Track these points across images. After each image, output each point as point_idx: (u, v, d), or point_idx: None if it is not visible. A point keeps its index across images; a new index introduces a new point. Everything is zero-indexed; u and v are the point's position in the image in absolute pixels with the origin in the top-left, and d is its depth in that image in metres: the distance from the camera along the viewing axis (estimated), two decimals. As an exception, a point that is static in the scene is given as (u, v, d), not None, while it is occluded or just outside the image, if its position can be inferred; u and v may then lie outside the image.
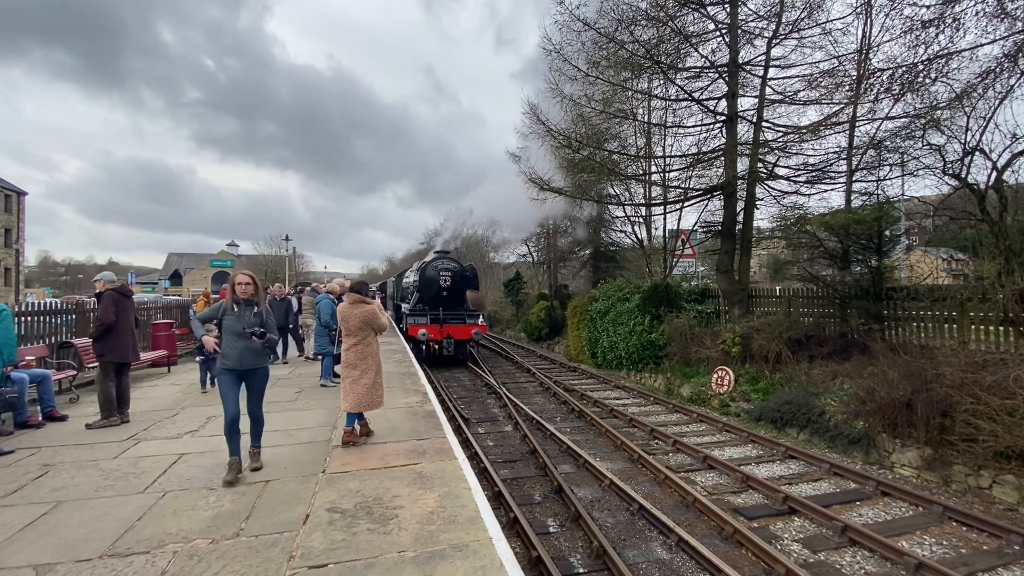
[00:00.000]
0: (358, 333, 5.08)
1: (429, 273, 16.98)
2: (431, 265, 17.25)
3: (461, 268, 17.68)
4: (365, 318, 5.08)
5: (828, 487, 6.64)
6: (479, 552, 2.94)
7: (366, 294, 5.25)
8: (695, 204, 14.67)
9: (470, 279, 18.10)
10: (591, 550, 4.99)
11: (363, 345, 5.08)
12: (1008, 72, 7.00)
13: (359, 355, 5.05)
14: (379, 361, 5.23)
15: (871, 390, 7.78)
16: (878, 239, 9.76)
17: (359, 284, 5.39)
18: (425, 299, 16.74)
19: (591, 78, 12.08)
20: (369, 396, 5.03)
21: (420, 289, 16.97)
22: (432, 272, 16.98)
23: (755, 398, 10.24)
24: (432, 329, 15.46)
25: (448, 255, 18.30)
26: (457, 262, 17.92)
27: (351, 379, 5.02)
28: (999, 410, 6.09)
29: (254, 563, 2.88)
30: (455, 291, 17.03)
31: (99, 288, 6.23)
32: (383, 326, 5.20)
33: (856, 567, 4.71)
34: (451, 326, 15.92)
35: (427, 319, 15.87)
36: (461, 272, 17.48)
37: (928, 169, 9.65)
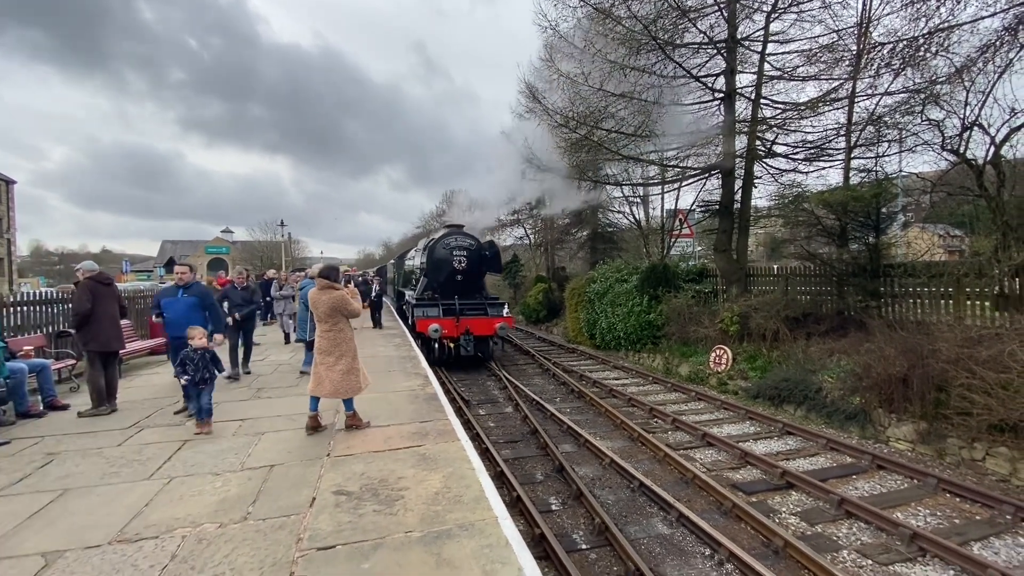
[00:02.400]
0: (328, 319, 4.99)
1: (439, 252, 13.73)
2: (441, 243, 13.91)
3: (479, 245, 14.29)
4: (334, 304, 4.97)
5: (825, 462, 6.75)
6: (485, 531, 2.98)
7: (335, 279, 5.13)
8: (692, 183, 14.59)
9: (490, 259, 14.46)
10: (593, 527, 5.07)
11: (335, 332, 5.00)
12: (1008, 45, 6.92)
13: (332, 342, 4.98)
14: (354, 347, 5.15)
15: (868, 366, 7.85)
16: (876, 216, 9.75)
17: (327, 269, 5.25)
18: (435, 285, 13.67)
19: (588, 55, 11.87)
20: (346, 382, 4.95)
21: (428, 272, 13.93)
22: (443, 251, 13.72)
23: (753, 376, 10.33)
24: (446, 323, 12.16)
25: (462, 229, 14.84)
26: (474, 238, 14.49)
27: (326, 365, 4.95)
28: (994, 384, 6.16)
29: (262, 546, 2.92)
30: (472, 274, 13.95)
31: (79, 277, 6.18)
32: (354, 312, 5.10)
33: (852, 539, 4.82)
34: (470, 319, 12.58)
35: (439, 311, 12.56)
36: (479, 251, 14.13)
37: (927, 145, 9.61)
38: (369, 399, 5.98)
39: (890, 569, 4.28)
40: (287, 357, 9.74)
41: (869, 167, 10.84)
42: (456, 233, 14.44)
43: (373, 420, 5.37)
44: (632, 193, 19.31)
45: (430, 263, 13.97)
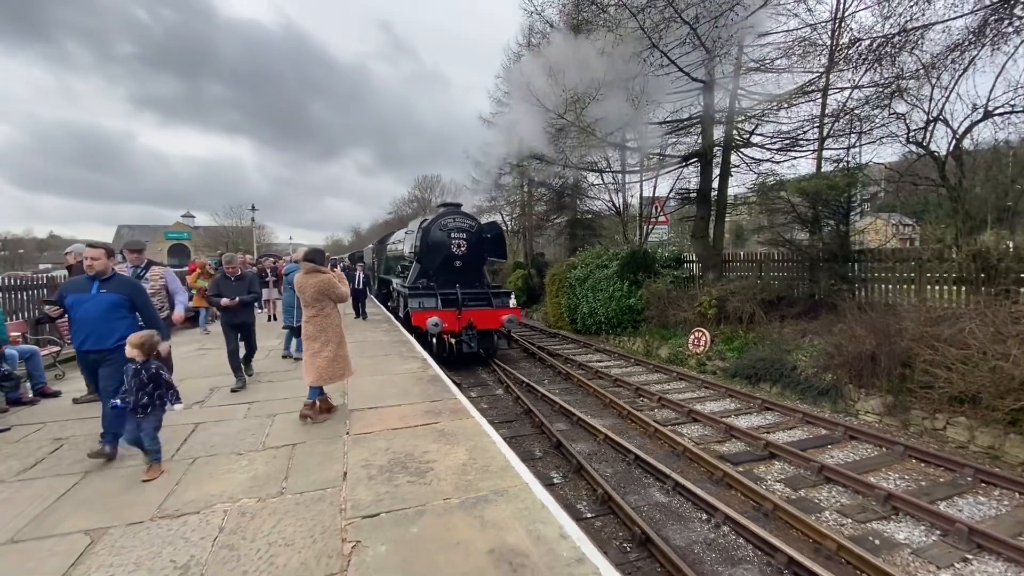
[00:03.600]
0: (314, 304, 4.89)
1: (435, 235, 12.17)
2: (438, 224, 12.31)
3: (480, 227, 12.79)
4: (321, 288, 4.87)
5: (802, 434, 7.23)
6: (519, 496, 3.19)
7: (321, 263, 5.05)
8: (671, 172, 15.00)
9: (493, 243, 12.99)
10: (596, 497, 5.36)
11: (322, 317, 4.91)
12: (973, 45, 7.43)
13: (318, 327, 4.90)
14: (341, 333, 5.08)
15: (839, 345, 8.39)
16: (846, 204, 10.31)
17: (313, 252, 5.16)
18: (430, 272, 12.19)
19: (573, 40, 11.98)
20: (331, 369, 4.88)
21: (422, 257, 12.33)
22: (439, 234, 12.18)
23: (731, 356, 10.84)
24: (447, 316, 10.64)
25: (460, 208, 13.27)
26: (474, 219, 12.99)
27: (311, 352, 4.88)
28: (954, 360, 6.73)
29: (307, 516, 3.04)
30: (472, 260, 12.51)
31: (71, 261, 6.01)
32: (342, 296, 5.03)
33: (833, 501, 5.26)
34: (472, 311, 11.14)
35: (436, 302, 11.13)
36: (479, 233, 12.62)
37: (893, 137, 10.20)
38: (376, 381, 6.09)
39: (868, 526, 4.71)
40: (277, 342, 9.66)
41: (839, 157, 11.41)
42: (454, 213, 12.67)
43: (382, 401, 5.48)
44: (612, 180, 19.63)
45: (424, 247, 12.27)
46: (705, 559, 4.27)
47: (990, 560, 4.14)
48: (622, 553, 4.35)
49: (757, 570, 4.07)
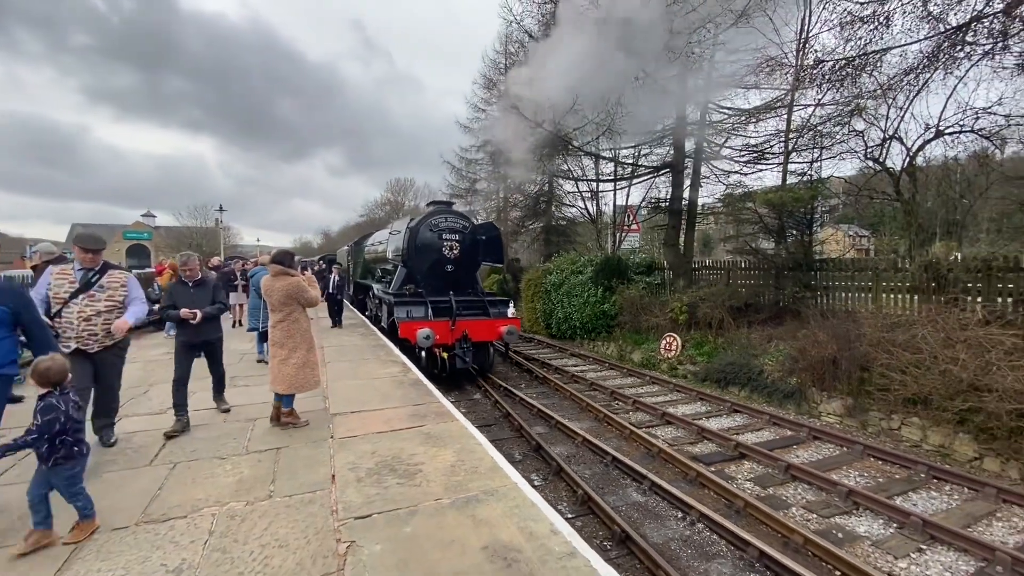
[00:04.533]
0: (282, 308, 4.73)
1: (425, 236, 11.01)
2: (428, 223, 11.15)
3: (473, 228, 11.67)
4: (289, 291, 4.70)
5: (769, 435, 7.55)
6: (509, 495, 3.28)
7: (289, 265, 4.87)
8: (643, 181, 15.41)
9: (489, 246, 11.76)
10: (576, 498, 5.49)
11: (289, 322, 4.74)
12: (927, 69, 7.98)
13: (285, 332, 4.73)
14: (310, 339, 4.93)
15: (803, 350, 8.80)
16: (809, 215, 10.83)
17: (281, 254, 4.99)
18: (417, 277, 11.07)
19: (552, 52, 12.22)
20: (299, 376, 4.73)
21: (409, 261, 11.16)
22: (429, 235, 11.04)
23: (701, 361, 11.19)
24: (439, 327, 9.53)
25: (452, 207, 12.19)
26: (467, 218, 11.85)
27: (279, 359, 4.72)
28: (908, 363, 7.17)
29: (299, 518, 3.06)
30: (466, 264, 11.40)
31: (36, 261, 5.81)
32: (312, 300, 4.87)
33: (799, 497, 5.53)
34: (467, 321, 10.05)
35: (426, 311, 9.98)
36: (473, 234, 11.50)
37: (852, 152, 10.80)
38: (356, 385, 6.08)
39: (832, 520, 4.99)
40: (249, 346, 9.47)
41: (803, 171, 11.97)
42: (445, 212, 11.54)
43: (363, 405, 5.49)
44: (586, 188, 19.98)
45: (412, 248, 11.03)
46: (682, 555, 4.45)
47: (942, 550, 4.45)
48: (603, 551, 4.48)
49: (731, 564, 4.26)
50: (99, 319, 3.94)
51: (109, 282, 4.06)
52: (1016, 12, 6.96)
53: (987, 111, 8.24)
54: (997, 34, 7.28)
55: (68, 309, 3.87)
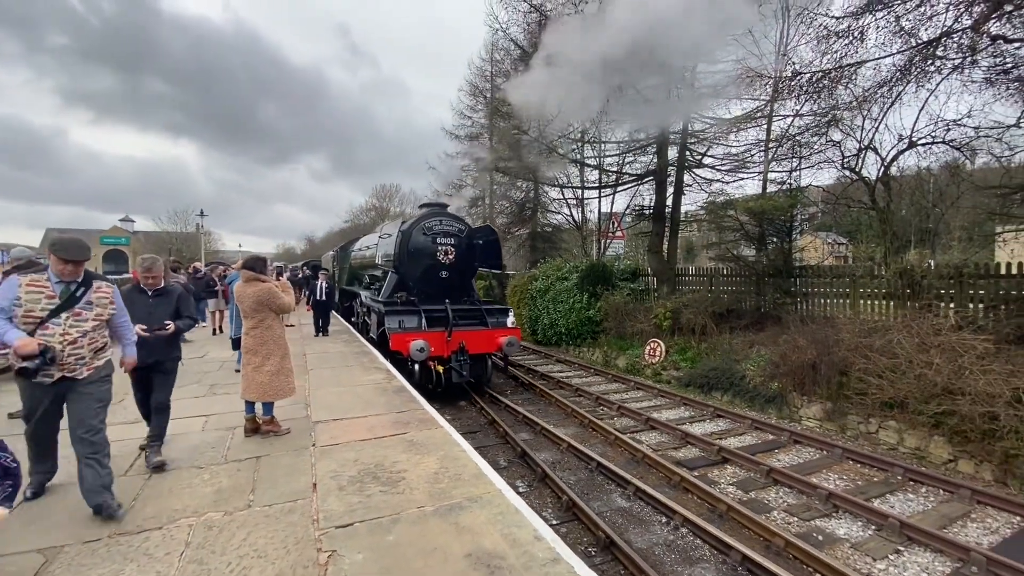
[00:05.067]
0: (254, 315, 4.65)
1: (417, 240, 10.27)
2: (421, 226, 10.38)
3: (470, 231, 10.96)
4: (260, 298, 4.62)
5: (751, 439, 7.64)
6: (492, 502, 3.26)
7: (261, 271, 4.78)
8: (628, 189, 15.59)
9: (486, 250, 11.11)
10: (561, 504, 5.49)
11: (262, 329, 4.66)
12: (899, 82, 8.24)
13: (258, 340, 4.64)
14: (284, 346, 4.84)
15: (784, 355, 8.94)
16: (789, 223, 11.05)
17: (252, 260, 4.89)
18: (409, 284, 10.37)
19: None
20: (274, 384, 4.64)
21: (400, 266, 10.38)
22: (423, 239, 10.29)
23: (684, 366, 11.30)
24: (434, 339, 8.84)
25: (446, 209, 11.40)
26: (462, 221, 11.14)
27: (252, 366, 4.63)
28: (884, 368, 7.33)
29: (278, 528, 3.00)
30: (461, 270, 10.71)
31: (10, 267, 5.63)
32: (284, 306, 4.77)
33: (780, 501, 5.60)
34: (464, 331, 9.39)
35: (420, 321, 9.32)
36: (469, 238, 10.79)
37: (830, 162, 11.08)
38: (339, 392, 6.01)
39: (812, 523, 5.06)
40: (230, 353, 9.31)
41: (783, 180, 12.24)
42: (440, 214, 10.78)
43: (346, 412, 5.42)
44: (572, 195, 20.14)
45: (403, 254, 10.29)
46: (666, 560, 4.46)
47: (919, 551, 4.54)
48: (587, 557, 4.47)
49: (714, 568, 4.29)
50: (85, 340, 3.28)
51: (98, 297, 3.36)
52: (983, 28, 7.23)
53: (957, 123, 8.51)
54: (966, 49, 7.55)
55: (47, 331, 3.12)
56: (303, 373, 7.56)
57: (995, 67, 7.52)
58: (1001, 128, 7.90)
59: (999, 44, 7.36)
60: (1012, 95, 7.37)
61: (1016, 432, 5.70)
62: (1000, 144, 8.15)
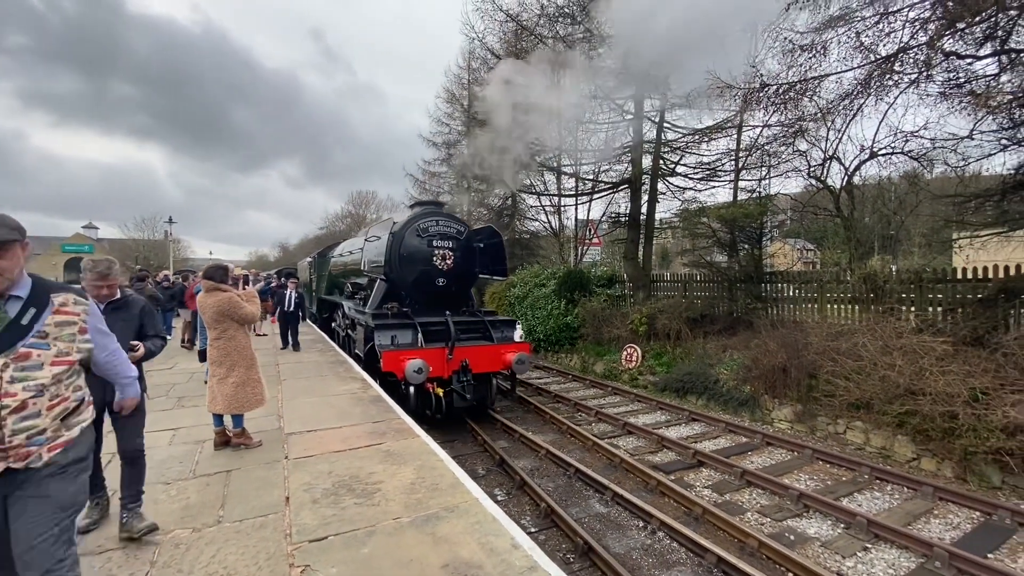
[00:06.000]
0: (216, 326, 4.58)
1: (411, 243, 8.94)
2: (415, 227, 9.06)
3: (469, 233, 9.70)
4: (220, 308, 4.54)
5: (726, 442, 7.78)
6: (470, 511, 3.24)
7: (222, 280, 4.69)
8: (604, 196, 15.80)
9: (488, 254, 10.00)
10: (539, 511, 5.47)
11: (225, 339, 4.58)
12: (860, 95, 8.59)
13: (222, 351, 4.56)
14: (250, 356, 4.73)
15: (756, 359, 9.15)
16: (759, 230, 11.35)
17: (212, 269, 4.80)
18: (401, 292, 9.10)
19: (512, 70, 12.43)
20: (239, 395, 4.55)
21: (391, 272, 9.03)
22: (417, 241, 8.97)
23: (660, 371, 11.45)
24: (433, 357, 7.61)
25: (442, 208, 10.15)
26: (461, 222, 9.83)
27: (217, 378, 4.56)
28: (851, 370, 7.56)
29: (249, 544, 2.92)
30: (461, 277, 9.41)
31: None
32: (246, 316, 4.66)
33: (754, 502, 5.71)
34: (467, 347, 8.16)
35: (416, 336, 8.07)
36: (469, 241, 9.51)
37: (797, 171, 11.44)
38: (313, 403, 5.90)
39: (785, 523, 5.17)
40: (199, 365, 9.05)
41: (753, 188, 12.57)
42: (435, 214, 9.45)
43: (320, 423, 5.32)
44: (549, 203, 20.28)
45: (395, 258, 8.91)
46: (643, 564, 4.50)
47: (886, 548, 4.68)
48: (566, 564, 4.47)
49: (690, 571, 4.34)
50: (43, 401, 1.91)
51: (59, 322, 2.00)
52: (938, 45, 7.60)
53: (915, 135, 8.90)
54: (921, 64, 7.91)
55: None
56: (276, 384, 7.40)
57: (949, 82, 7.90)
58: (955, 140, 8.30)
59: (952, 60, 7.74)
60: (965, 108, 7.74)
61: (974, 430, 5.94)
62: (955, 155, 8.56)
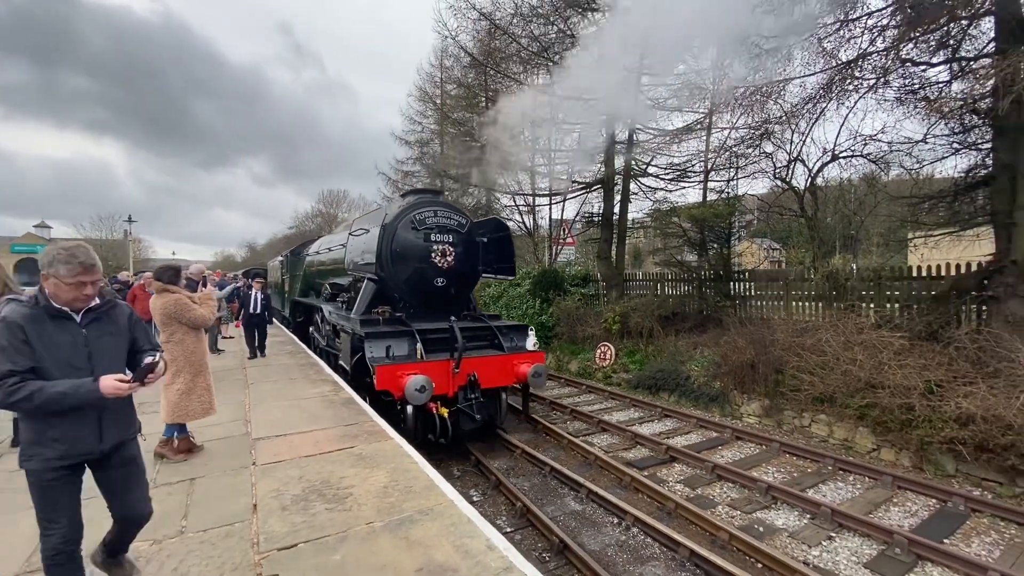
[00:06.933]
0: (164, 329, 4.42)
1: (406, 237, 7.67)
2: (410, 219, 7.75)
3: (472, 225, 8.38)
4: (167, 310, 4.38)
5: (697, 437, 7.93)
6: (444, 513, 3.20)
7: (171, 281, 4.52)
8: (577, 196, 15.92)
9: (492, 250, 8.76)
10: (515, 511, 5.47)
11: (173, 343, 4.39)
12: (823, 99, 8.90)
13: (169, 356, 4.31)
14: (198, 363, 4.53)
15: (725, 355, 9.36)
16: (728, 230, 11.62)
17: (161, 269, 4.63)
18: (394, 295, 7.90)
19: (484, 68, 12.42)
20: (183, 404, 4.35)
21: (384, 270, 7.70)
22: (412, 235, 7.71)
23: (633, 368, 11.60)
24: (437, 372, 6.46)
25: (439, 197, 8.94)
26: (462, 213, 8.43)
27: (163, 384, 4.36)
28: (815, 365, 7.82)
29: (214, 555, 2.82)
30: (462, 276, 8.24)
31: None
32: (195, 319, 4.48)
33: (724, 496, 5.83)
34: (475, 358, 6.97)
35: (411, 346, 6.84)
36: (471, 234, 8.27)
37: (763, 172, 11.76)
38: (282, 407, 5.75)
39: (754, 515, 5.30)
40: (161, 369, 8.72)
41: (721, 188, 12.87)
42: (433, 203, 8.13)
43: (290, 428, 5.18)
44: (524, 202, 20.29)
45: (386, 255, 7.62)
46: (618, 560, 4.54)
47: (849, 536, 4.84)
48: (542, 563, 4.48)
49: (663, 565, 4.40)
50: None
51: None
52: (895, 51, 7.93)
53: (873, 138, 9.28)
54: (880, 70, 8.25)
55: None
56: (243, 388, 7.19)
57: (905, 88, 8.25)
58: (910, 143, 8.68)
59: (908, 67, 8.09)
60: (919, 113, 8.10)
61: (929, 421, 6.21)
62: (910, 158, 8.95)
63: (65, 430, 2.24)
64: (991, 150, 7.50)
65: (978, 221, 8.01)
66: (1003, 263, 7.02)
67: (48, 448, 2.22)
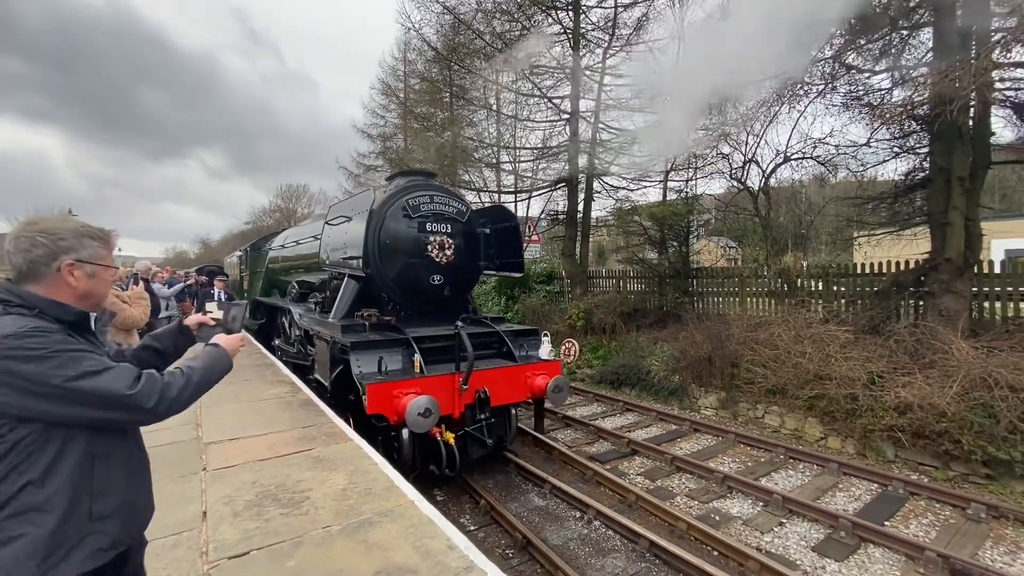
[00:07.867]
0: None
1: (397, 226, 6.42)
2: (402, 204, 6.48)
3: (471, 214, 7.17)
4: None
5: (657, 430, 8.12)
6: (405, 514, 3.15)
7: None
8: (543, 194, 15.99)
9: (496, 242, 7.56)
10: (479, 509, 5.46)
11: None
12: (776, 103, 9.25)
13: None
14: None
15: (684, 350, 9.62)
16: (686, 228, 11.94)
17: None
18: (378, 293, 6.72)
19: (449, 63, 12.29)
20: None
21: (367, 266, 6.24)
22: (404, 224, 6.48)
23: (596, 364, 11.78)
24: (441, 389, 5.30)
25: (433, 179, 7.34)
26: (461, 199, 7.27)
27: None
28: (768, 359, 8.13)
29: (160, 566, 2.67)
30: (463, 273, 7.05)
31: None
32: (126, 320, 4.15)
33: (683, 487, 6.00)
34: (484, 371, 5.73)
35: (406, 358, 5.60)
36: (470, 224, 7.08)
37: (720, 172, 12.13)
38: (237, 409, 5.53)
39: (711, 505, 5.47)
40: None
41: (680, 188, 13.20)
42: (427, 187, 6.88)
43: (244, 431, 4.98)
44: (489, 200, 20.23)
45: (374, 247, 6.32)
46: (580, 554, 4.59)
47: (799, 522, 5.07)
48: (504, 560, 4.49)
49: (624, 556, 4.48)
50: None
51: None
52: (841, 58, 8.31)
53: (822, 141, 9.74)
54: (827, 76, 8.64)
55: None
56: (194, 390, 6.86)
57: (850, 94, 8.67)
58: (855, 147, 9.14)
59: (853, 74, 8.50)
60: (863, 119, 8.54)
61: (871, 410, 6.56)
62: (855, 161, 9.43)
63: (120, 494, 1.46)
64: (928, 154, 7.97)
65: (916, 221, 8.51)
66: (938, 261, 7.48)
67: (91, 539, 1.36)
